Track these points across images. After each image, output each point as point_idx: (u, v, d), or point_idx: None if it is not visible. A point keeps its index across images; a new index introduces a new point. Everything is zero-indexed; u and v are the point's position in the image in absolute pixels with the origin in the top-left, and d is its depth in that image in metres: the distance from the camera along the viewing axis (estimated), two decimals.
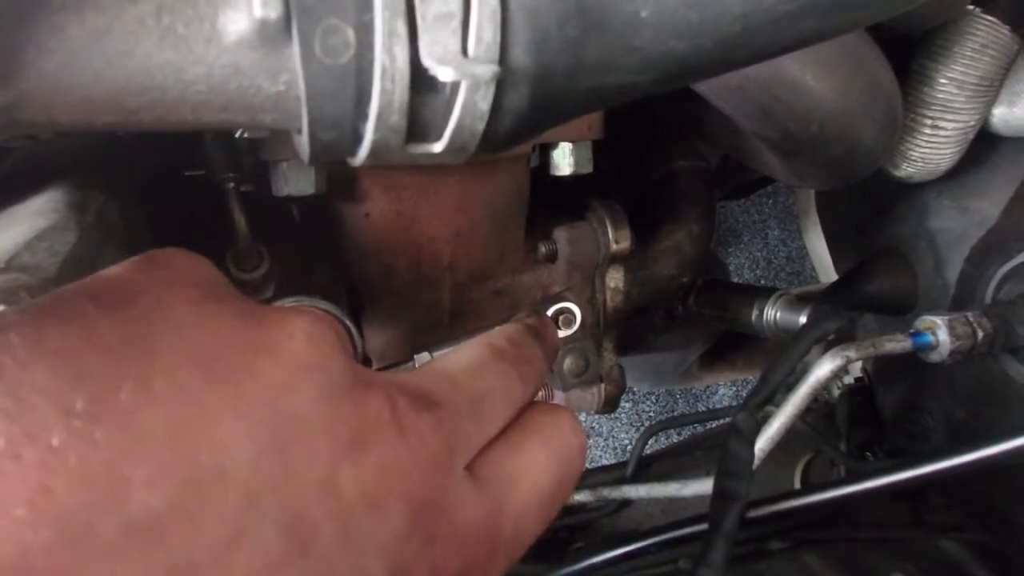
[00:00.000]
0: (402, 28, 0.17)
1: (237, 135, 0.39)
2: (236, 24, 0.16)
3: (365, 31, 0.17)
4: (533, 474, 0.26)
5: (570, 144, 0.46)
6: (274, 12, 0.16)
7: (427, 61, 0.18)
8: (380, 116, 0.18)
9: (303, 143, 0.20)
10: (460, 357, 0.27)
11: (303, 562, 0.18)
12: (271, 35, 0.17)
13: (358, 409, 0.21)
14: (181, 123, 0.17)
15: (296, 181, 0.39)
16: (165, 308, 0.19)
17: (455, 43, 0.18)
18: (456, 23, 0.18)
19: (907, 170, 0.51)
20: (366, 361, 0.49)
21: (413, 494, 0.21)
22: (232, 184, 0.40)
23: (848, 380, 0.71)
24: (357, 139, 0.19)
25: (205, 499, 0.17)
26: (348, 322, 0.31)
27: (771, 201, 1.29)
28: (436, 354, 0.37)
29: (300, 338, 0.20)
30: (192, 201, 0.45)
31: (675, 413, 1.31)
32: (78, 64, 0.15)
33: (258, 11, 0.16)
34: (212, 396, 0.18)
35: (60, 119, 0.16)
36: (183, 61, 0.16)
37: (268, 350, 0.20)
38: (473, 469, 0.25)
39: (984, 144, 0.52)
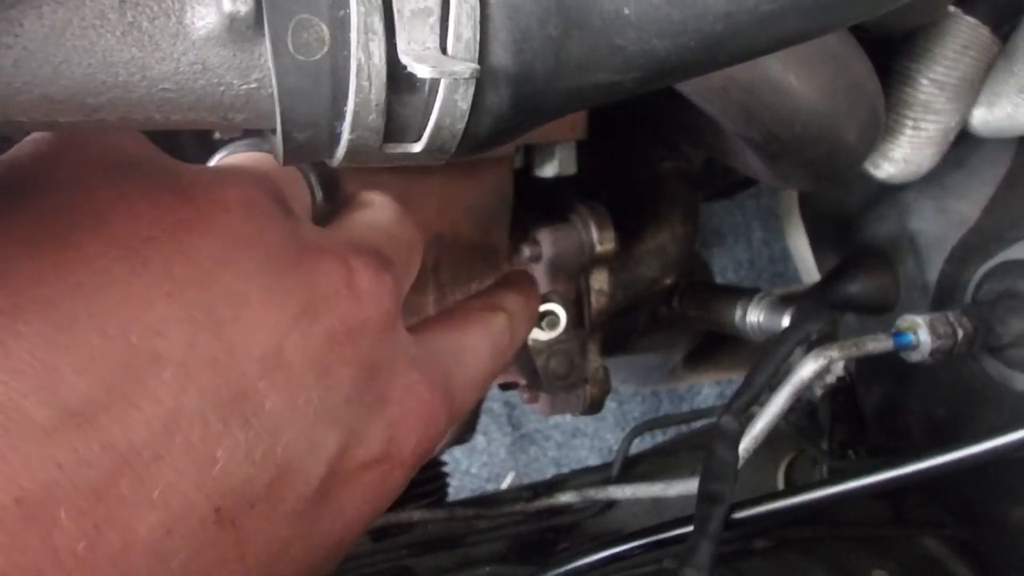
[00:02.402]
0: (378, 24, 0.17)
1: (216, 136, 0.38)
2: (204, 19, 0.16)
3: (340, 27, 0.17)
4: (475, 357, 0.27)
5: (554, 145, 0.45)
6: (244, 7, 0.16)
7: (405, 58, 0.17)
8: (357, 115, 0.18)
9: (277, 143, 0.19)
10: (383, 211, 0.27)
11: (245, 434, 0.18)
12: (241, 31, 0.16)
13: (306, 279, 0.20)
14: (147, 122, 0.17)
15: None
16: (84, 196, 0.18)
17: (433, 40, 0.17)
18: (434, 19, 0.17)
19: (888, 171, 0.51)
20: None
21: (364, 357, 0.21)
22: None
23: (830, 379, 0.72)
24: (334, 139, 0.19)
25: (140, 381, 0.16)
26: (306, 171, 0.27)
27: (754, 203, 1.29)
28: None
29: (235, 210, 0.20)
30: None
31: (660, 413, 1.31)
32: (35, 60, 0.14)
33: (227, 6, 0.16)
34: (141, 280, 0.17)
35: (18, 118, 0.15)
36: (148, 58, 0.15)
37: (201, 226, 0.19)
38: (419, 338, 0.25)
39: (964, 145, 0.52)
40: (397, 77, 0.18)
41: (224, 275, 0.19)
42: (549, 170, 0.47)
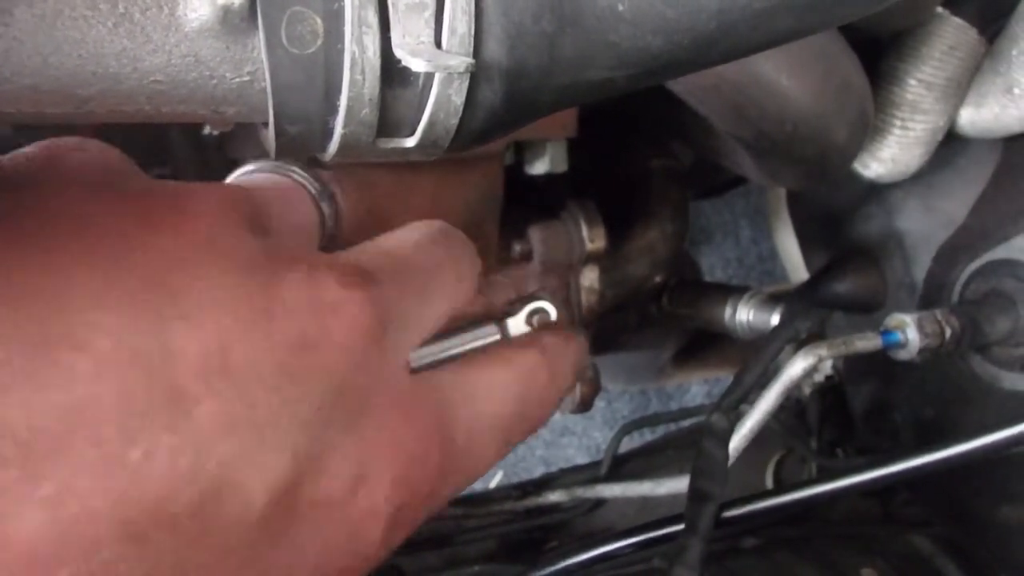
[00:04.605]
0: (373, 17, 0.17)
1: (205, 132, 0.38)
2: (197, 11, 0.16)
3: (334, 20, 0.17)
4: (491, 394, 0.24)
5: (545, 142, 0.45)
6: None
7: (399, 52, 0.17)
8: (350, 109, 0.18)
9: (269, 138, 0.19)
10: (406, 232, 0.24)
11: (170, 439, 0.16)
12: (234, 23, 0.16)
13: (267, 286, 0.19)
14: (138, 114, 0.16)
15: None
16: (41, 197, 0.17)
17: (428, 34, 0.17)
18: (429, 13, 0.17)
19: (877, 170, 0.51)
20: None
21: (329, 378, 0.19)
22: None
23: (818, 378, 0.72)
24: (326, 133, 0.19)
25: (54, 366, 0.15)
26: (317, 196, 0.26)
27: (743, 201, 1.30)
28: (412, 354, 0.36)
29: (210, 214, 0.19)
30: None
31: (649, 412, 1.31)
32: (24, 50, 0.14)
33: None
34: (80, 265, 0.16)
35: (5, 109, 0.15)
36: (139, 49, 0.15)
37: (158, 226, 0.18)
38: (419, 373, 0.22)
39: (951, 145, 0.53)
40: (391, 71, 0.18)
41: (175, 273, 0.17)
42: (540, 167, 0.47)
